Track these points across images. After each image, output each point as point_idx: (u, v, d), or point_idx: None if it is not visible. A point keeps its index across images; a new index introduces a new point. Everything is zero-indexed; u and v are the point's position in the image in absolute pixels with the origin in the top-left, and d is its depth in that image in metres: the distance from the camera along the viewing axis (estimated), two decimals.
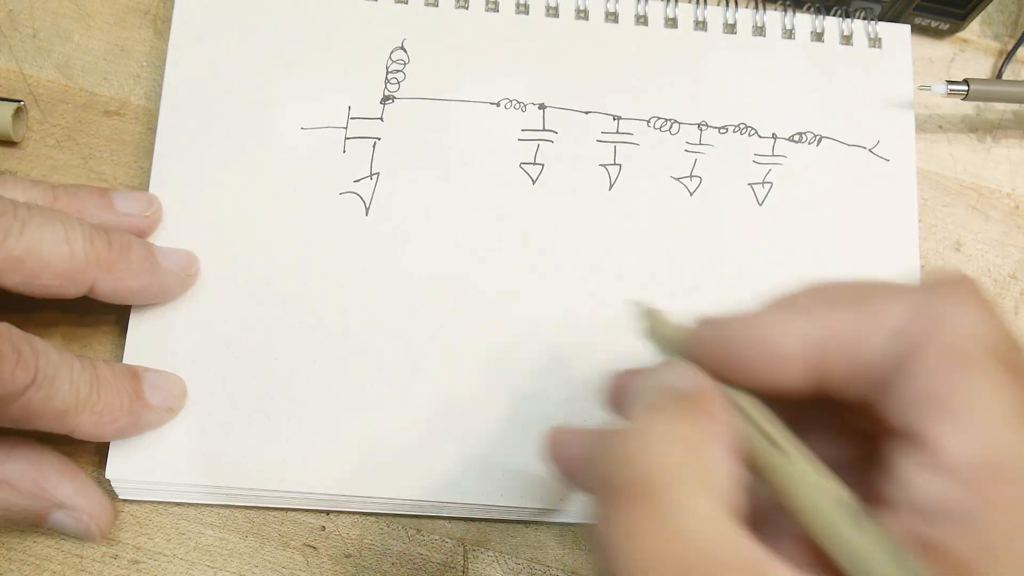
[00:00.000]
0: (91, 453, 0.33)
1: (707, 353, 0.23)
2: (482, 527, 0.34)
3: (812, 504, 0.20)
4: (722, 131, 0.38)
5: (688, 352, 0.24)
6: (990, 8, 0.42)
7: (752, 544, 0.19)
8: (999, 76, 0.42)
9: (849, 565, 0.19)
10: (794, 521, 0.21)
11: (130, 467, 0.32)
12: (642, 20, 0.39)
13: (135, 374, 0.32)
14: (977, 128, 0.41)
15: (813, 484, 0.21)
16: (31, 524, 0.31)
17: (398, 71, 0.37)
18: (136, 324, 0.34)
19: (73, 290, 0.30)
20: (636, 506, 0.20)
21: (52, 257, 0.29)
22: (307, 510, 0.34)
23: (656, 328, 0.25)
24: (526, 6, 0.38)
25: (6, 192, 0.31)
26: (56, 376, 0.28)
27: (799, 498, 0.20)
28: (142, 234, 0.34)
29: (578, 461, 0.25)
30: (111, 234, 0.31)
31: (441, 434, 0.34)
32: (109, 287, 0.31)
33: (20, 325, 0.28)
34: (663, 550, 0.19)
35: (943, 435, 0.19)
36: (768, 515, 0.22)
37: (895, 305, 0.21)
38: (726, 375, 0.23)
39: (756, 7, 0.40)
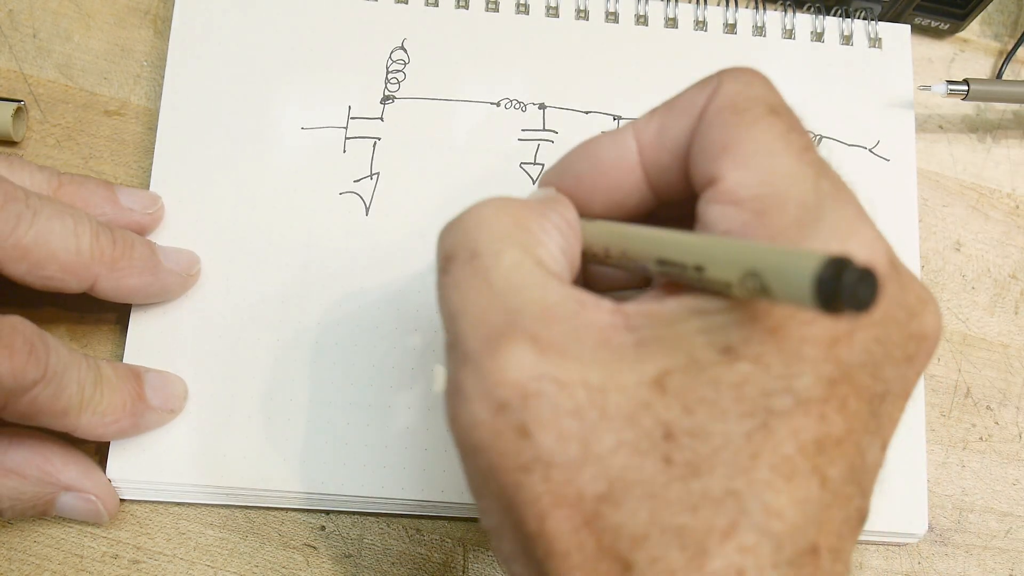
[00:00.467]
0: (92, 452, 0.33)
1: (563, 186, 0.27)
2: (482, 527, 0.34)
3: (662, 238, 0.23)
4: None
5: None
6: (990, 8, 0.42)
7: (568, 289, 0.22)
8: (999, 76, 0.42)
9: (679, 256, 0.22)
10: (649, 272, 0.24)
11: (131, 467, 0.32)
12: (642, 20, 0.39)
13: (137, 375, 0.32)
14: (977, 128, 0.41)
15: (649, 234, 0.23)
16: (39, 512, 0.31)
17: (398, 71, 0.37)
18: (137, 323, 0.34)
19: (75, 285, 0.30)
20: (461, 266, 0.23)
21: (59, 249, 0.29)
22: (307, 510, 0.34)
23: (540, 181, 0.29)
24: (526, 6, 0.38)
25: (13, 175, 0.31)
26: (64, 374, 0.28)
27: (652, 241, 0.23)
28: (144, 231, 0.34)
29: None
30: (115, 232, 0.31)
31: (441, 434, 0.34)
32: (111, 285, 0.31)
33: None
34: (481, 297, 0.22)
35: (728, 171, 0.22)
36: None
37: (689, 94, 0.25)
38: (584, 209, 0.26)
39: (756, 7, 0.40)
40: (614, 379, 0.20)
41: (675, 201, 0.26)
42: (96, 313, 0.35)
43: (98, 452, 0.33)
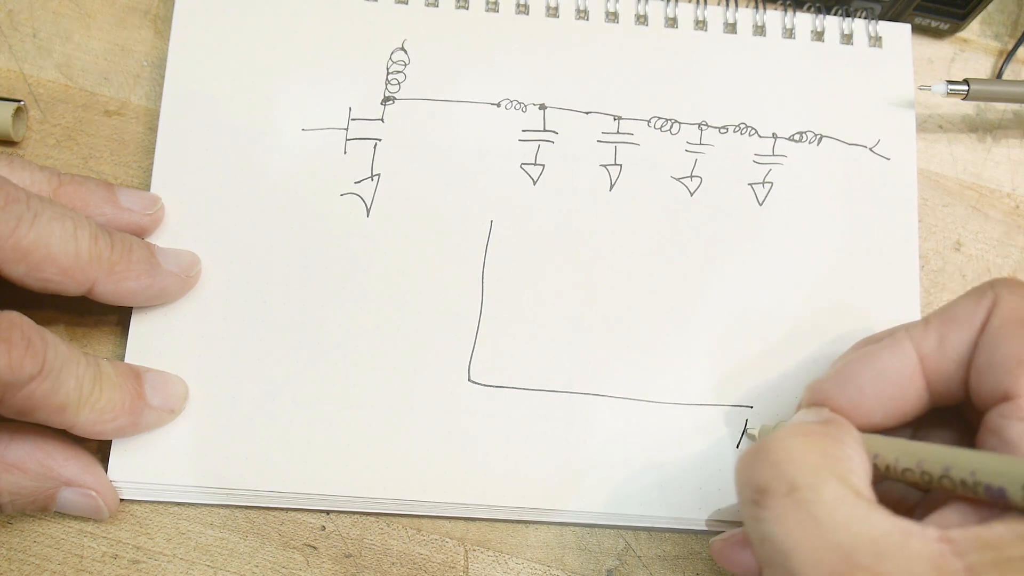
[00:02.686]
0: (93, 453, 0.33)
1: (847, 402, 0.27)
2: (482, 527, 0.34)
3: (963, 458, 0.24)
4: (722, 131, 0.38)
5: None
6: (990, 8, 0.42)
7: (887, 514, 0.22)
8: (999, 76, 0.42)
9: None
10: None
11: (131, 467, 0.32)
12: (642, 20, 0.39)
13: (137, 374, 0.32)
14: (977, 128, 0.41)
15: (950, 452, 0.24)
16: (39, 508, 0.31)
17: (398, 72, 0.37)
18: (138, 324, 0.34)
19: (74, 287, 0.30)
20: (780, 500, 0.23)
21: (58, 252, 0.29)
22: (307, 510, 0.34)
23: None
24: (526, 6, 0.38)
25: (14, 174, 0.31)
26: (62, 370, 0.28)
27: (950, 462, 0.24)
28: (143, 232, 0.34)
29: (744, 559, 0.29)
30: (114, 235, 0.31)
31: (441, 434, 0.34)
32: (109, 288, 0.31)
33: None
34: (811, 535, 0.22)
35: None
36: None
37: (966, 305, 0.26)
38: (862, 421, 0.27)
39: (756, 7, 0.40)
40: None
41: (944, 406, 0.28)
42: (97, 314, 0.35)
43: (100, 452, 0.33)
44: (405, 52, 0.38)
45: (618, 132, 0.37)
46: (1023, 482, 0.22)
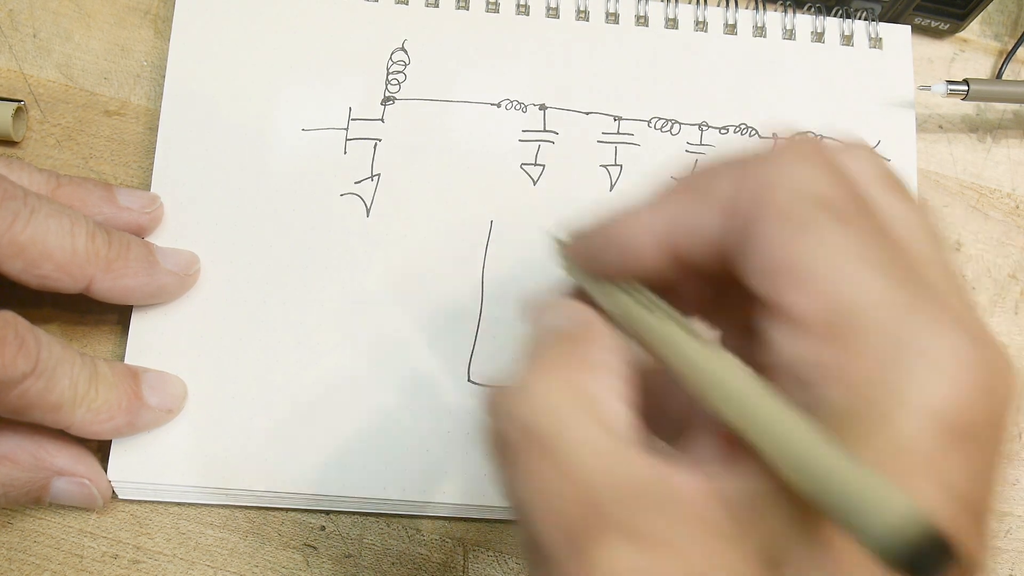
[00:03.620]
0: (93, 451, 0.33)
1: (586, 264, 0.24)
2: (482, 527, 0.34)
3: (715, 381, 0.20)
4: (723, 131, 0.38)
5: (575, 269, 0.25)
6: (990, 8, 0.42)
7: (648, 460, 0.19)
8: (999, 76, 0.42)
9: (752, 431, 0.19)
10: (706, 412, 0.21)
11: (131, 467, 0.32)
12: (642, 20, 0.39)
13: (135, 374, 0.32)
14: (977, 128, 0.41)
15: (712, 358, 0.20)
16: (33, 500, 0.31)
17: (398, 72, 0.37)
18: (138, 323, 0.34)
19: (71, 284, 0.30)
20: (530, 457, 0.20)
21: (55, 248, 0.29)
22: (307, 510, 0.34)
23: (560, 254, 0.26)
24: (526, 7, 0.38)
25: (12, 175, 0.31)
26: (56, 369, 0.28)
27: (701, 378, 0.20)
28: (142, 231, 0.34)
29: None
30: (112, 233, 0.31)
31: (442, 434, 0.34)
32: (106, 285, 0.31)
33: None
34: (565, 493, 0.19)
35: (793, 299, 0.19)
36: (685, 417, 0.22)
37: (722, 180, 0.21)
38: (612, 277, 0.23)
39: (756, 7, 0.40)
40: (716, 560, 0.18)
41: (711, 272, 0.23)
42: (97, 313, 0.35)
43: (100, 451, 0.33)
44: (405, 52, 0.38)
45: (618, 132, 0.37)
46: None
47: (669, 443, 0.22)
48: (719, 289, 0.23)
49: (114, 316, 0.35)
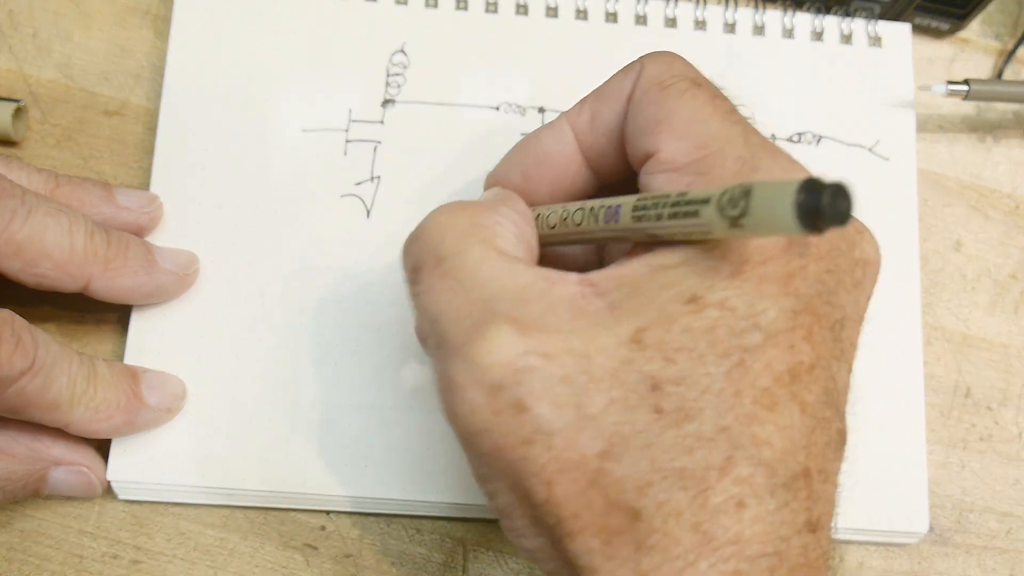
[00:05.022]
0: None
1: (512, 186, 0.29)
2: (482, 527, 0.34)
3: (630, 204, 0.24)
4: None
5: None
6: (990, 8, 0.42)
7: (535, 270, 0.23)
8: (999, 76, 0.42)
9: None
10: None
11: (131, 467, 0.32)
12: (642, 20, 0.39)
13: (134, 374, 0.32)
14: (977, 128, 0.41)
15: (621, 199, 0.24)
16: (32, 492, 0.31)
17: (398, 74, 0.37)
18: (137, 324, 0.34)
19: (69, 283, 0.30)
20: (429, 272, 0.24)
21: (53, 247, 0.29)
22: (307, 510, 0.34)
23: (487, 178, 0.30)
24: (525, 7, 0.38)
25: (11, 174, 0.31)
26: (54, 367, 0.28)
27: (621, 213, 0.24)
28: (141, 230, 0.34)
29: None
30: (110, 233, 0.31)
31: (442, 434, 0.34)
32: (105, 284, 0.31)
33: None
34: (456, 296, 0.23)
35: (665, 143, 0.24)
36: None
37: (616, 80, 0.27)
38: (533, 200, 0.28)
39: (756, 6, 0.40)
40: (595, 343, 0.21)
41: (616, 181, 0.28)
42: (97, 313, 0.35)
43: (100, 451, 0.33)
44: (405, 54, 0.38)
45: None
46: (634, 200, 0.23)
47: None
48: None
49: (113, 316, 0.35)
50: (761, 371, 0.21)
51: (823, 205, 0.18)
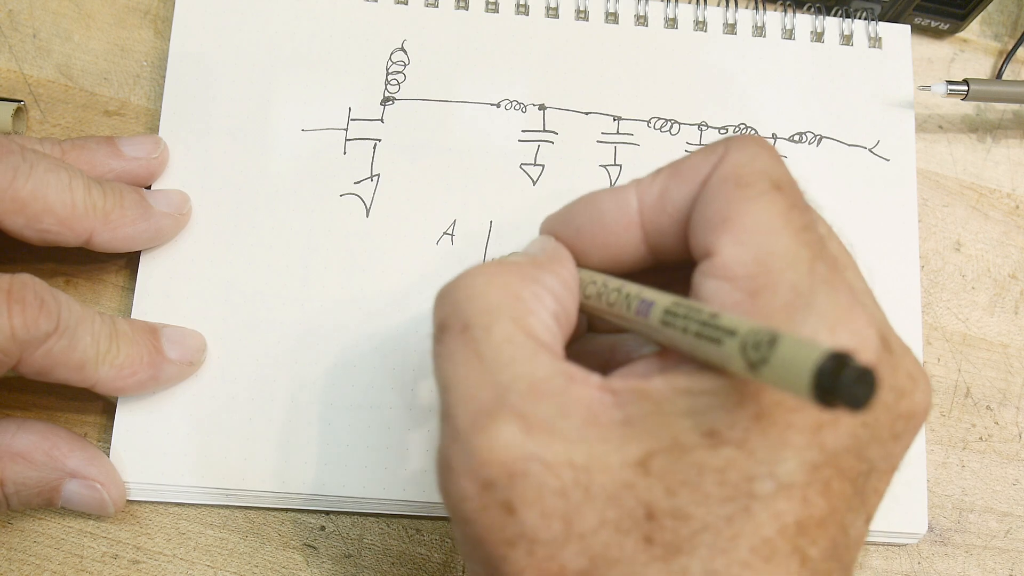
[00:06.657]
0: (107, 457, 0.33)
1: (563, 232, 0.27)
2: None
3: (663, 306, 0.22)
4: (722, 131, 0.38)
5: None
6: (990, 8, 0.42)
7: (557, 363, 0.22)
8: (999, 76, 0.42)
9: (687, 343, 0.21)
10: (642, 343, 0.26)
11: (131, 467, 0.32)
12: (642, 20, 0.39)
13: (154, 330, 0.32)
14: (977, 128, 0.41)
15: (659, 294, 0.23)
16: (44, 501, 0.31)
17: (398, 72, 0.37)
18: (139, 318, 0.34)
19: (72, 238, 0.31)
20: (453, 337, 0.23)
21: (55, 203, 0.30)
22: (307, 510, 0.34)
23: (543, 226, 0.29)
24: (526, 7, 0.38)
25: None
26: (78, 327, 0.29)
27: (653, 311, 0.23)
28: (152, 177, 0.34)
29: None
30: (104, 184, 0.32)
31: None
32: (107, 236, 0.31)
33: None
34: (472, 372, 0.22)
35: (726, 246, 0.22)
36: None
37: (695, 159, 0.25)
38: (582, 260, 0.27)
39: (756, 7, 0.40)
40: (600, 459, 0.21)
41: (672, 265, 0.26)
42: (98, 309, 0.35)
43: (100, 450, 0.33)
44: (405, 52, 0.38)
45: (618, 132, 0.37)
46: (668, 303, 0.22)
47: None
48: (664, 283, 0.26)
49: (114, 309, 0.35)
50: (765, 521, 0.20)
51: (841, 385, 0.17)
